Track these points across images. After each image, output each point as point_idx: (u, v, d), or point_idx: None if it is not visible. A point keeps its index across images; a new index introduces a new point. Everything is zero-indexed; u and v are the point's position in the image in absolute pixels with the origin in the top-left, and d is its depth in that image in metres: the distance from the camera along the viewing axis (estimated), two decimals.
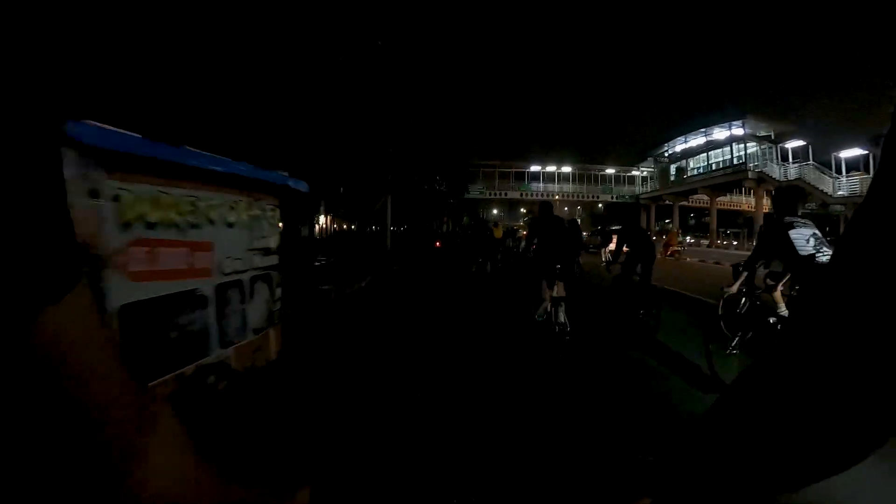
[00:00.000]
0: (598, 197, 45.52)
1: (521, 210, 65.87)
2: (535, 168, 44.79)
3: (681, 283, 10.43)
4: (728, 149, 35.63)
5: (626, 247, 5.86)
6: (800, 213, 3.19)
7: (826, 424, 0.25)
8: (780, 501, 0.28)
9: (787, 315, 3.28)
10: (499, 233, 16.48)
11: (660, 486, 0.34)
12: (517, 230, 26.13)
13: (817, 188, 28.75)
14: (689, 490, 0.32)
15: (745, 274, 3.75)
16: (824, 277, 0.26)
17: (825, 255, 2.81)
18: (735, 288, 3.85)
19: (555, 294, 4.63)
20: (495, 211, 60.95)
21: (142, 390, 0.25)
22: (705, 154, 38.08)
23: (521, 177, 44.35)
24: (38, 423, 0.20)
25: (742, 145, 34.06)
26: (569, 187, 44.97)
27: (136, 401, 0.24)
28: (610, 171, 47.04)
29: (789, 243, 2.94)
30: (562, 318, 4.48)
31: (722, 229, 41.73)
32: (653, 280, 5.85)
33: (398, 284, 9.72)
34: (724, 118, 36.42)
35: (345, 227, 34.65)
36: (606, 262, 6.51)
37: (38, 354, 0.19)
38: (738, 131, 34.86)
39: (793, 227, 2.97)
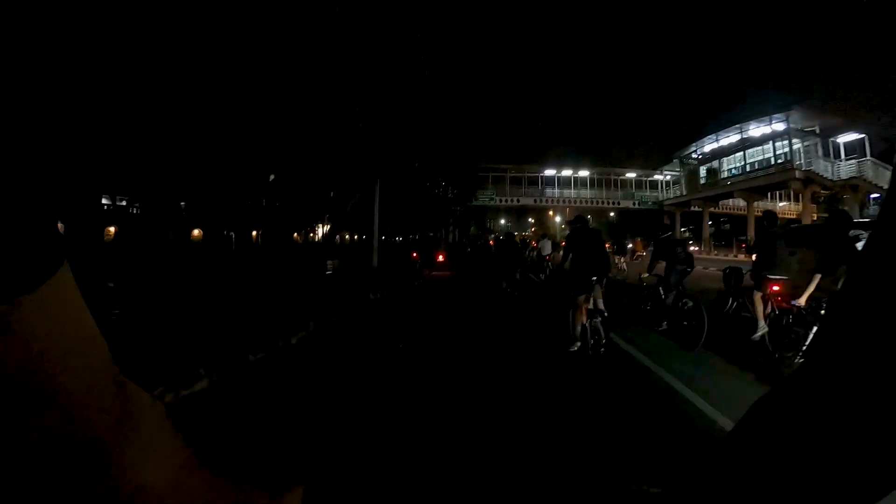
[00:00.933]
0: (618, 203, 41.62)
1: (530, 220, 62.39)
2: (549, 172, 41.07)
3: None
4: (768, 146, 31.65)
5: (662, 258, 5.71)
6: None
7: (874, 445, 0.23)
8: None
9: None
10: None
11: None
12: (527, 240, 24.60)
13: (883, 188, 24.59)
14: None
15: (820, 278, 3.81)
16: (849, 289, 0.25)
17: None
18: (803, 300, 3.88)
19: (591, 307, 4.61)
20: (503, 221, 57.84)
21: (127, 383, 0.24)
22: (742, 153, 34.07)
23: (534, 182, 40.68)
24: (11, 413, 0.19)
25: (786, 141, 30.07)
26: (586, 193, 41.16)
27: (120, 393, 0.23)
28: (631, 175, 43.16)
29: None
30: (600, 330, 4.44)
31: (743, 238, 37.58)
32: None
33: (368, 331, 5.96)
34: (763, 112, 32.56)
35: (349, 237, 31.43)
36: (639, 275, 6.58)
37: (13, 343, 0.18)
38: (780, 126, 30.92)
39: (858, 240, 3.53)
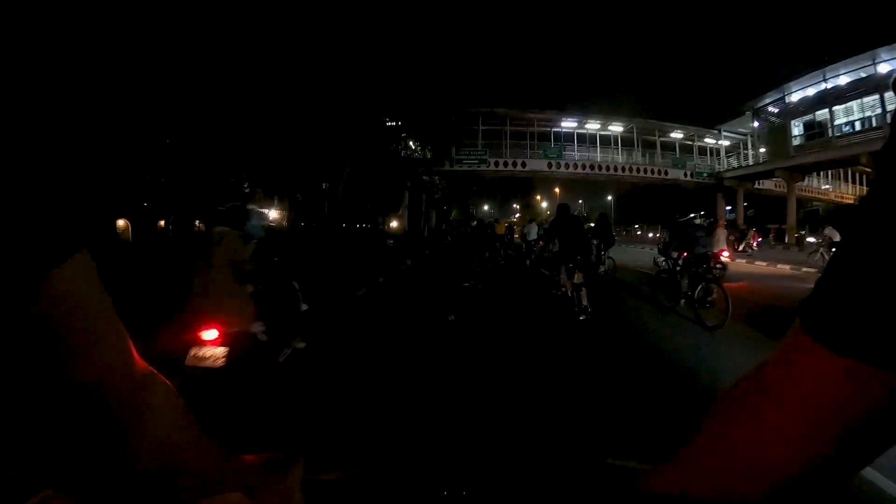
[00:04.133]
0: (665, 173, 29.02)
1: (514, 206, 55.61)
2: (569, 124, 28.04)
3: None
4: None
5: (680, 242, 5.70)
6: None
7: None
8: None
9: None
10: (501, 228, 15.28)
11: (659, 495, 0.32)
12: (513, 226, 20.97)
13: None
14: (692, 500, 0.30)
15: None
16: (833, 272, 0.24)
17: None
18: None
19: (576, 281, 5.36)
20: (486, 207, 52.43)
21: (144, 365, 0.25)
22: (875, 97, 21.68)
23: (545, 137, 27.73)
24: (36, 386, 0.20)
25: None
26: (618, 158, 28.43)
27: (136, 374, 0.25)
28: (677, 135, 30.60)
29: None
30: (584, 301, 5.25)
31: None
32: None
33: None
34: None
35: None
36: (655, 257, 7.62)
37: (36, 320, 0.19)
38: None
39: None
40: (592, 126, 28.08)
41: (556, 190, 40.08)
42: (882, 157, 0.23)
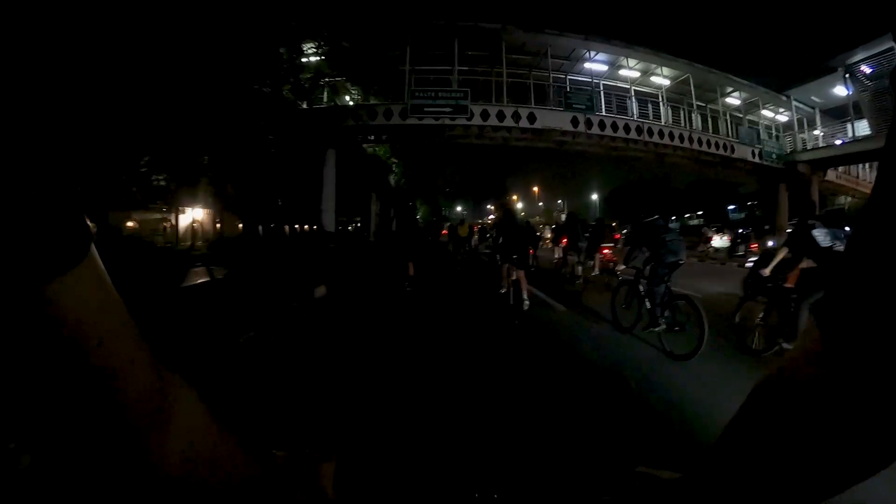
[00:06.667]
0: (731, 151, 19.78)
1: (488, 206, 54.75)
2: (596, 67, 18.23)
3: None
4: None
5: (646, 246, 4.86)
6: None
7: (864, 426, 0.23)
8: None
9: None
10: (464, 230, 15.14)
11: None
12: (486, 227, 20.24)
13: None
14: None
15: (785, 251, 4.01)
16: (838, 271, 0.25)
17: (839, 246, 3.50)
18: (768, 270, 4.05)
19: (513, 278, 5.90)
20: (459, 208, 50.43)
21: (160, 366, 0.25)
22: None
23: (561, 82, 17.95)
24: (55, 395, 0.20)
25: None
26: (660, 124, 18.97)
27: (154, 374, 0.24)
28: (732, 100, 21.67)
29: (812, 240, 3.60)
30: (523, 295, 5.74)
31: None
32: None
33: None
34: None
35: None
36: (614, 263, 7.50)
37: (47, 325, 0.19)
38: None
39: (815, 228, 3.64)
40: (630, 73, 18.57)
41: (535, 189, 35.44)
42: (884, 157, 0.22)
